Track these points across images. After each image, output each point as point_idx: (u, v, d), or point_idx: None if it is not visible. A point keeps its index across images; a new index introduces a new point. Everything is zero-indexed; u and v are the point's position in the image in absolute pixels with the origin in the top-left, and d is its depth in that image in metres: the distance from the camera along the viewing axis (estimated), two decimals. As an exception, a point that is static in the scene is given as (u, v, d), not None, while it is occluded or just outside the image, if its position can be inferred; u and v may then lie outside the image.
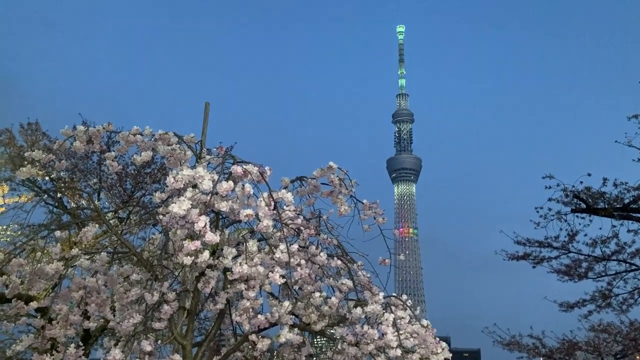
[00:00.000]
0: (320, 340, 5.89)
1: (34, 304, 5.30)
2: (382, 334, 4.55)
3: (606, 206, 12.94)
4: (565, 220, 13.59)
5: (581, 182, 12.98)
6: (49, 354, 5.06)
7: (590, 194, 13.08)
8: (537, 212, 13.59)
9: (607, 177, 12.78)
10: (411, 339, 4.68)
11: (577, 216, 13.48)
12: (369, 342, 4.54)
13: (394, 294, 5.08)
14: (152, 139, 5.28)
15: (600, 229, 13.51)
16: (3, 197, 10.79)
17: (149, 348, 4.53)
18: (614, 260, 13.86)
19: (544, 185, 13.24)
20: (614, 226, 13.19)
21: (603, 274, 14.25)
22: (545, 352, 15.43)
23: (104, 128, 5.25)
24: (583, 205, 13.15)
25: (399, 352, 4.48)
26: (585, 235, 13.78)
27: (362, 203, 5.73)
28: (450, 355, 4.76)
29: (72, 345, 5.09)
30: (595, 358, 15.52)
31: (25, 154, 5.27)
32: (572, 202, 13.31)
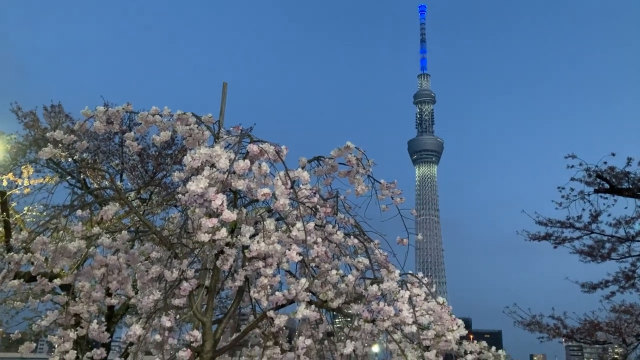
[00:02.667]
0: (341, 320, 5.93)
1: (57, 281, 5.43)
2: (398, 311, 4.58)
3: (630, 186, 12.75)
4: (588, 201, 13.44)
5: (605, 162, 12.81)
6: (73, 329, 5.20)
7: (614, 173, 12.89)
8: (560, 192, 13.45)
9: (631, 156, 12.57)
10: (427, 316, 4.69)
11: (600, 196, 13.32)
12: (385, 319, 4.57)
13: (410, 272, 5.08)
14: (171, 119, 5.33)
15: (626, 208, 13.35)
16: (28, 178, 10.99)
17: (168, 324, 4.61)
18: (638, 241, 13.68)
19: (567, 164, 13.08)
20: (639, 207, 13.00)
21: (627, 255, 14.09)
22: (566, 332, 15.35)
23: (123, 108, 5.31)
24: (606, 186, 12.98)
25: (414, 328, 4.50)
26: (609, 215, 13.63)
27: (380, 183, 5.72)
28: (466, 332, 4.76)
29: (95, 321, 5.20)
30: (617, 338, 15.38)
31: (47, 135, 5.36)
32: (595, 182, 13.14)
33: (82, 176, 12.71)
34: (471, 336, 5.04)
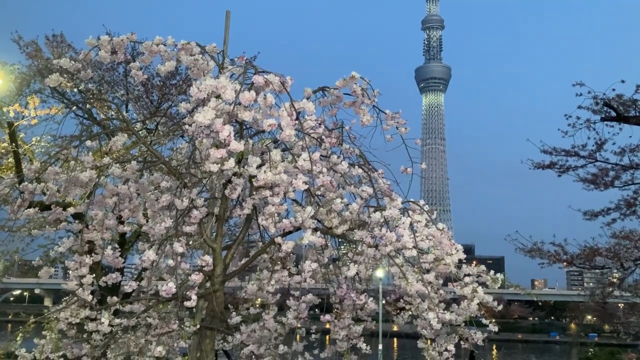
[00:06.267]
0: (345, 246, 6.14)
1: (71, 210, 5.61)
2: (400, 237, 4.74)
3: (637, 114, 12.68)
4: (594, 129, 13.39)
5: (613, 90, 12.66)
6: (88, 255, 5.42)
7: (622, 101, 12.78)
8: (566, 120, 13.39)
9: (641, 83, 12.39)
10: (427, 241, 4.86)
11: (606, 125, 13.25)
12: (387, 244, 4.74)
13: (412, 200, 5.21)
14: (175, 49, 5.30)
15: (631, 137, 13.32)
16: (35, 109, 11.04)
17: (180, 249, 4.76)
18: (642, 168, 13.73)
19: (575, 93, 12.94)
20: (645, 135, 12.96)
21: (630, 182, 14.18)
22: (566, 258, 15.66)
23: (127, 38, 5.28)
24: (613, 114, 12.89)
25: (414, 252, 4.69)
26: (614, 144, 13.60)
27: (385, 113, 5.74)
28: (465, 256, 4.94)
29: (109, 247, 5.41)
30: (615, 263, 15.73)
31: (53, 62, 5.37)
32: (602, 110, 13.04)
33: (88, 107, 12.74)
34: (475, 262, 5.23)
